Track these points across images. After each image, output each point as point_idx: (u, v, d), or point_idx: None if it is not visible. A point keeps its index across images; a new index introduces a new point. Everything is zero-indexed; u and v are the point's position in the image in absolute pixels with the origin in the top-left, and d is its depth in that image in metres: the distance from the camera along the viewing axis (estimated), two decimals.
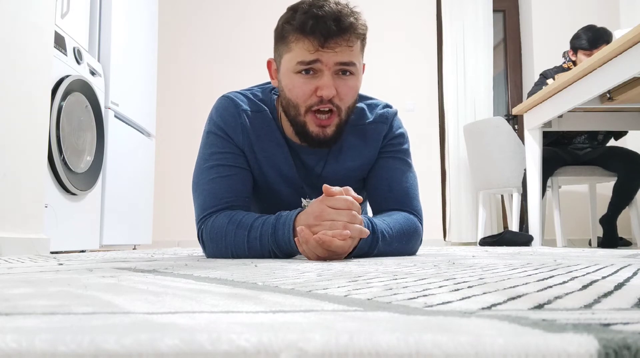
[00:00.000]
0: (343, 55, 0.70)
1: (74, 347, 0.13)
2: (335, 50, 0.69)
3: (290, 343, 0.14)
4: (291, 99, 0.74)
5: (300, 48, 0.70)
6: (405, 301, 0.23)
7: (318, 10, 0.68)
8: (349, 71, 0.72)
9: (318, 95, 0.71)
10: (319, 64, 0.70)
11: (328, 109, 0.72)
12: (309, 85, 0.71)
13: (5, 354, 0.14)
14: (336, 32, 0.68)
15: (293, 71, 0.72)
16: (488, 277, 0.36)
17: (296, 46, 0.71)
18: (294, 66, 0.71)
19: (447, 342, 0.13)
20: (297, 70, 0.71)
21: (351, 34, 0.70)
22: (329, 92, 0.70)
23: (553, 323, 0.16)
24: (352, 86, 0.74)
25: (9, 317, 0.20)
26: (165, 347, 0.13)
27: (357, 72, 0.74)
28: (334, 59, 0.70)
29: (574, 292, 0.26)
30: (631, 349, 0.13)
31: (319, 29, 0.68)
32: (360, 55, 0.74)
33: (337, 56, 0.70)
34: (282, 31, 0.73)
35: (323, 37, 0.68)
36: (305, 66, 0.70)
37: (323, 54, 0.69)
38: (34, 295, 0.28)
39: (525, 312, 0.19)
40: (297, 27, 0.70)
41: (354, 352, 0.13)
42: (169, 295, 0.27)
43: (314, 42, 0.69)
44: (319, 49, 0.69)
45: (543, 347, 0.13)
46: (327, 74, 0.70)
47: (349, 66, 0.71)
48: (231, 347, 0.13)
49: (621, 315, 0.18)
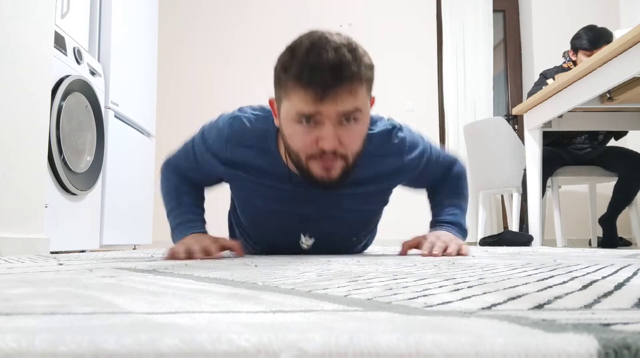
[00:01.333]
0: (345, 104, 0.64)
1: (73, 347, 0.13)
2: (336, 101, 0.63)
3: (290, 343, 0.14)
4: (292, 147, 0.70)
5: (299, 99, 0.64)
6: (405, 301, 0.23)
7: (316, 59, 0.62)
8: (353, 117, 0.67)
9: (319, 146, 0.67)
10: (319, 116, 0.65)
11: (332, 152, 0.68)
12: (309, 136, 0.66)
13: (5, 354, 0.14)
14: (336, 84, 0.62)
15: (292, 120, 0.67)
16: (488, 277, 0.36)
17: (294, 95, 0.65)
18: (293, 116, 0.66)
19: (447, 342, 0.13)
20: (297, 120, 0.66)
21: (353, 83, 0.64)
22: (331, 145, 0.66)
23: (553, 323, 0.16)
24: (357, 133, 0.68)
25: (8, 317, 0.20)
26: (165, 347, 0.13)
27: (362, 117, 0.68)
28: (335, 110, 0.64)
29: (574, 292, 0.26)
30: (631, 349, 0.13)
31: (317, 81, 0.62)
32: (366, 96, 0.68)
33: (338, 107, 0.64)
34: (280, 77, 0.67)
35: (322, 90, 0.62)
36: (305, 117, 0.65)
37: (323, 107, 0.64)
38: (34, 295, 0.28)
39: (525, 312, 0.19)
40: (294, 77, 0.64)
41: (354, 352, 0.13)
42: (169, 295, 0.27)
43: (313, 94, 0.63)
44: (318, 102, 0.63)
45: (543, 347, 0.13)
46: (329, 124, 0.65)
47: (352, 113, 0.66)
48: (231, 347, 0.13)
49: (621, 315, 0.18)
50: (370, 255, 0.90)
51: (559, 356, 0.13)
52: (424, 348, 0.13)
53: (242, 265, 0.59)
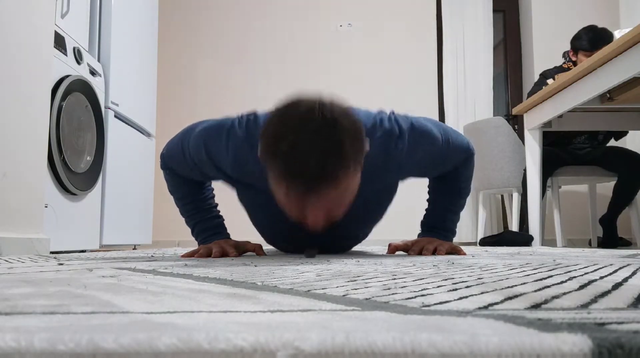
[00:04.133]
0: (331, 198, 0.62)
1: (72, 346, 0.14)
2: (320, 198, 0.61)
3: (287, 342, 0.14)
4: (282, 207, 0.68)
5: (284, 189, 0.62)
6: (402, 301, 0.23)
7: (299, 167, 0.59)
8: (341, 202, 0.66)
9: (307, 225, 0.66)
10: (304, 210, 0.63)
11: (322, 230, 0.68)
12: (297, 214, 0.66)
13: (4, 353, 0.14)
14: (319, 186, 0.60)
15: (278, 195, 0.65)
16: (486, 277, 0.36)
17: (279, 182, 0.62)
18: (279, 194, 0.65)
19: (442, 341, 0.13)
20: (283, 202, 0.65)
21: (339, 182, 0.61)
22: (319, 227, 0.66)
23: (548, 322, 0.16)
24: (345, 206, 0.68)
25: (8, 317, 0.20)
26: (163, 346, 0.14)
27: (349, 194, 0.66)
28: (319, 205, 0.62)
29: (571, 292, 0.26)
30: (624, 348, 0.13)
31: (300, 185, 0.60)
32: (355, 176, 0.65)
33: (324, 202, 0.62)
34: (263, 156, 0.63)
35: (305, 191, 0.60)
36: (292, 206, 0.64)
37: (308, 204, 0.62)
38: (34, 295, 0.28)
39: (522, 312, 0.19)
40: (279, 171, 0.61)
41: (350, 350, 0.13)
42: (168, 295, 0.27)
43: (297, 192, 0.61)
44: (301, 200, 0.62)
45: (537, 346, 0.13)
46: (315, 213, 0.64)
47: (339, 200, 0.65)
48: (228, 346, 0.14)
49: (617, 314, 0.19)
50: (369, 255, 0.91)
51: (553, 355, 0.13)
52: (419, 347, 0.13)
53: (242, 265, 0.59)
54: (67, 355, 0.14)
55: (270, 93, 0.72)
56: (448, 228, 0.91)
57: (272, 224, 0.89)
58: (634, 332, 0.14)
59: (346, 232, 0.90)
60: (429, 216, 0.93)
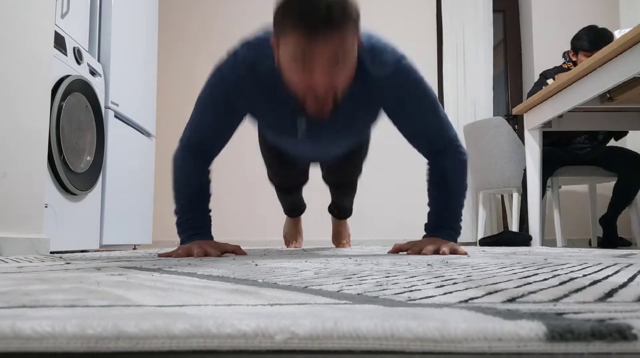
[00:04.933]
0: (335, 46, 0.72)
1: (100, 330, 0.16)
2: (327, 42, 0.71)
3: (284, 327, 0.16)
4: (288, 81, 0.78)
5: (292, 41, 0.72)
6: (391, 295, 0.25)
7: (309, 8, 0.70)
8: (342, 61, 0.74)
9: (313, 88, 0.74)
10: (312, 57, 0.72)
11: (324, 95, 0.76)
12: (304, 76, 0.74)
13: (40, 337, 0.16)
14: (326, 27, 0.70)
15: (288, 58, 0.74)
16: (475, 275, 0.38)
17: (290, 36, 0.72)
18: (288, 56, 0.74)
19: (417, 327, 0.15)
20: (292, 59, 0.74)
21: (342, 26, 0.71)
22: (322, 89, 0.74)
23: (515, 312, 0.18)
24: (345, 74, 0.76)
25: (34, 309, 0.22)
26: (177, 330, 0.16)
27: (350, 59, 0.75)
28: (326, 53, 0.71)
29: (549, 288, 0.28)
30: (574, 333, 0.15)
31: (309, 23, 0.69)
32: (354, 38, 0.75)
33: (329, 49, 0.71)
34: (277, 20, 0.75)
35: (313, 31, 0.70)
36: (299, 59, 0.73)
37: (315, 48, 0.71)
38: (51, 291, 0.31)
39: (495, 304, 0.21)
40: (289, 20, 0.71)
41: (338, 335, 0.15)
42: (176, 291, 0.30)
43: (305, 35, 0.70)
44: (309, 41, 0.70)
45: (499, 332, 0.15)
46: (320, 68, 0.72)
47: (341, 57, 0.73)
48: (233, 330, 0.16)
49: (579, 306, 0.21)
50: (368, 255, 0.93)
51: (512, 339, 0.15)
52: (398, 332, 0.15)
53: (243, 264, 0.61)
54: (94, 339, 0.16)
55: None
56: (450, 227, 0.94)
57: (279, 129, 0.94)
58: (586, 320, 0.16)
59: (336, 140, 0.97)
60: (430, 218, 0.96)
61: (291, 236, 1.67)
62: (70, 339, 0.16)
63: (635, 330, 0.15)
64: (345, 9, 0.72)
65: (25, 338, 0.16)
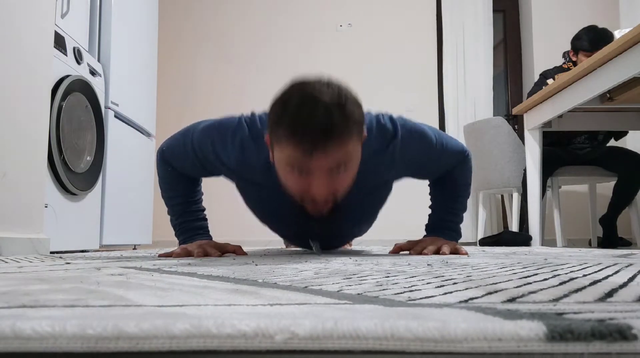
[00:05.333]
0: (335, 158, 0.65)
1: (100, 330, 0.16)
2: (326, 156, 0.64)
3: (284, 327, 0.16)
4: (285, 187, 0.72)
5: (290, 153, 0.65)
6: (391, 295, 0.25)
7: (306, 119, 0.62)
8: (344, 167, 0.68)
9: (311, 196, 0.69)
10: (310, 170, 0.66)
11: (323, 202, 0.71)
12: (301, 184, 0.69)
13: (41, 337, 0.16)
14: (326, 142, 0.63)
15: (284, 168, 0.69)
16: (475, 275, 0.38)
17: (286, 148, 0.66)
18: (285, 166, 0.68)
19: (417, 326, 0.15)
20: (288, 169, 0.68)
21: (343, 139, 0.64)
22: (322, 197, 0.68)
23: (515, 312, 0.18)
24: (347, 180, 0.71)
25: (34, 309, 0.22)
26: (178, 330, 0.16)
27: (352, 165, 0.69)
28: (325, 165, 0.66)
29: (549, 288, 0.28)
30: (574, 333, 0.15)
31: (307, 139, 0.63)
32: (357, 144, 0.68)
33: (328, 160, 0.65)
34: (272, 127, 0.68)
35: (312, 147, 0.63)
36: (296, 169, 0.67)
37: (312, 161, 0.65)
38: (52, 291, 0.31)
39: (496, 304, 0.21)
40: (286, 133, 0.64)
41: (338, 335, 0.15)
42: (176, 291, 0.30)
43: (302, 151, 0.64)
44: (307, 157, 0.64)
45: (499, 332, 0.15)
46: (319, 177, 0.66)
47: (342, 165, 0.67)
48: (233, 330, 0.16)
49: (579, 306, 0.21)
50: (368, 255, 0.93)
51: (512, 339, 0.15)
52: (398, 332, 0.15)
53: (243, 264, 0.61)
54: (94, 339, 0.16)
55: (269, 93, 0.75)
56: (451, 228, 0.94)
57: (273, 215, 0.91)
58: (586, 320, 0.16)
59: (343, 229, 0.93)
60: (432, 219, 0.96)
61: None
62: (70, 339, 0.16)
63: (635, 330, 0.15)
64: (347, 114, 0.63)
65: (25, 338, 0.16)
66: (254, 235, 2.72)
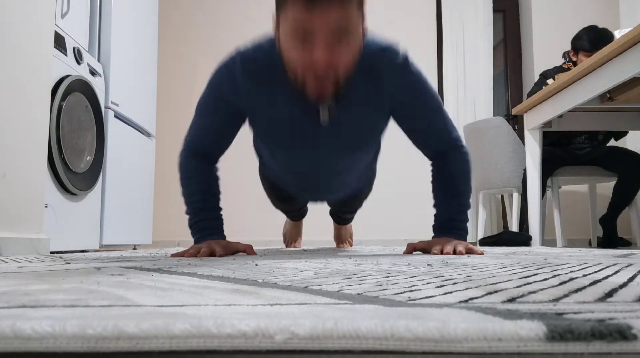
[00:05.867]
0: (336, 19, 0.68)
1: (100, 330, 0.16)
2: (326, 13, 0.67)
3: (284, 327, 0.16)
4: (289, 62, 0.75)
5: (293, 12, 0.69)
6: (391, 295, 0.25)
7: None
8: (344, 37, 0.71)
9: (313, 66, 0.71)
10: (312, 31, 0.69)
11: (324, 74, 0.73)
12: (303, 53, 0.71)
13: (40, 337, 0.16)
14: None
15: (288, 35, 0.72)
16: (475, 275, 0.38)
17: (290, 7, 0.69)
18: (288, 31, 0.71)
19: (417, 326, 0.15)
20: (292, 35, 0.71)
21: (343, 2, 0.68)
22: (322, 64, 0.70)
23: (515, 312, 0.18)
24: (347, 54, 0.73)
25: (34, 309, 0.22)
26: (178, 330, 0.16)
27: (353, 38, 0.72)
28: (327, 25, 0.68)
29: (549, 288, 0.28)
30: (574, 333, 0.15)
31: None
32: (357, 17, 0.72)
33: (330, 21, 0.68)
34: None
35: (313, 3, 0.67)
36: (299, 31, 0.70)
37: (315, 19, 0.68)
38: (52, 291, 0.31)
39: (495, 304, 0.21)
40: None
41: (338, 335, 0.15)
42: (176, 291, 0.30)
43: (306, 5, 0.67)
44: (310, 12, 0.67)
45: (499, 331, 0.15)
46: (321, 41, 0.69)
47: (343, 33, 0.70)
48: (233, 330, 0.16)
49: (579, 306, 0.21)
50: (368, 255, 0.93)
51: (512, 339, 0.15)
52: (398, 332, 0.15)
53: (243, 264, 0.61)
54: (94, 339, 0.16)
55: None
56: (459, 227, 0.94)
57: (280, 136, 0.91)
58: (586, 320, 0.17)
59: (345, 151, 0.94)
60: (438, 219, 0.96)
61: (291, 236, 1.67)
62: (70, 339, 0.16)
63: (635, 330, 0.15)
64: None
65: (25, 338, 0.16)
66: (254, 235, 2.72)
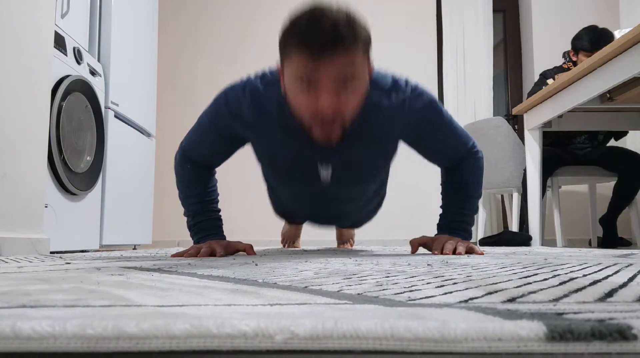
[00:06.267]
0: (342, 67, 0.68)
1: (100, 330, 0.16)
2: (332, 61, 0.67)
3: (284, 327, 0.16)
4: (295, 106, 0.75)
5: (297, 60, 0.69)
6: (391, 295, 0.25)
7: (314, 23, 0.67)
8: (350, 83, 0.70)
9: (319, 113, 0.71)
10: (317, 78, 0.69)
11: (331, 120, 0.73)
12: (309, 100, 0.71)
13: (41, 337, 0.16)
14: (333, 44, 0.66)
15: (293, 83, 0.72)
16: (475, 275, 0.38)
17: (294, 57, 0.69)
18: (293, 79, 0.71)
19: (417, 326, 0.15)
20: (297, 83, 0.71)
21: (349, 46, 0.67)
22: (329, 112, 0.70)
23: (515, 312, 0.18)
24: (354, 99, 0.73)
25: (34, 309, 0.22)
26: (178, 330, 0.16)
27: (359, 84, 0.72)
28: (332, 73, 0.68)
29: (549, 288, 0.28)
30: (574, 333, 0.15)
31: (314, 41, 0.66)
32: (363, 62, 0.72)
33: (335, 69, 0.68)
34: (282, 42, 0.72)
35: (319, 49, 0.66)
36: (304, 79, 0.69)
37: (320, 68, 0.67)
38: (52, 291, 0.31)
39: (495, 304, 0.21)
40: (293, 39, 0.69)
41: (338, 335, 0.15)
42: (176, 291, 0.30)
43: (310, 54, 0.67)
44: (315, 61, 0.67)
45: (499, 331, 0.15)
46: (326, 89, 0.69)
47: (349, 79, 0.70)
48: (233, 330, 0.16)
49: (579, 306, 0.21)
50: (368, 255, 0.93)
51: (512, 339, 0.15)
52: (398, 332, 0.15)
53: (243, 263, 0.61)
54: (94, 339, 0.16)
55: None
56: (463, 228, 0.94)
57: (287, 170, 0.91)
58: (586, 320, 0.17)
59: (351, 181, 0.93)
60: (443, 219, 0.96)
61: (289, 237, 1.67)
62: (70, 339, 0.16)
63: (635, 330, 0.15)
64: (353, 29, 0.68)
65: (25, 338, 0.16)
66: (254, 235, 2.72)
